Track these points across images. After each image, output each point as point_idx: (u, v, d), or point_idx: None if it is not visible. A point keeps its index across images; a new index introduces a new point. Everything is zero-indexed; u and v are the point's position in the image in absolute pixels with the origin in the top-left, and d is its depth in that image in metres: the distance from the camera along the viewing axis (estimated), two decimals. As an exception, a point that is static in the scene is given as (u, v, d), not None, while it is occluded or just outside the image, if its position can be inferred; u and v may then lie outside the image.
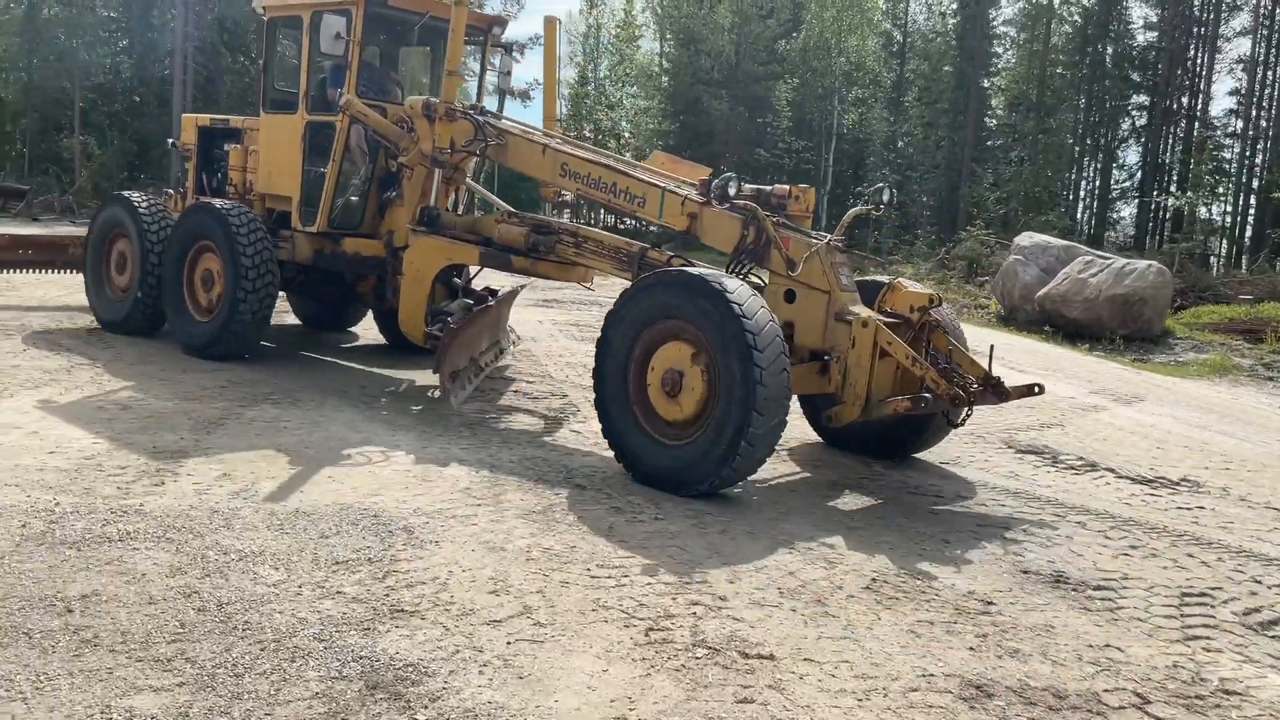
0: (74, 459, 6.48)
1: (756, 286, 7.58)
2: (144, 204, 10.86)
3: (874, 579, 5.61)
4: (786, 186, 8.43)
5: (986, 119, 46.80)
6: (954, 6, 46.02)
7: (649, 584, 5.27)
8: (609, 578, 5.32)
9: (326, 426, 7.92)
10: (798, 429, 8.53)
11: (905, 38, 48.69)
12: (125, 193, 11.40)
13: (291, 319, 13.01)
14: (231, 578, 4.90)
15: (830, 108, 44.27)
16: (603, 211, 41.35)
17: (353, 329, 12.89)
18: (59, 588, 4.64)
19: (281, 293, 10.87)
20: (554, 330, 13.74)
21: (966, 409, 7.24)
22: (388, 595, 4.86)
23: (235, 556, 5.16)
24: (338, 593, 4.84)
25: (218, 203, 10.15)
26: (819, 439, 8.73)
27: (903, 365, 7.15)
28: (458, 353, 8.76)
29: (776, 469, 7.79)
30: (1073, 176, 49.34)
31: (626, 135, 65.87)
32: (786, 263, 7.57)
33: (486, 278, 10.97)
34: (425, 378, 10.02)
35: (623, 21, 71.89)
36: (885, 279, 7.95)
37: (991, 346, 7.87)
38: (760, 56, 45.72)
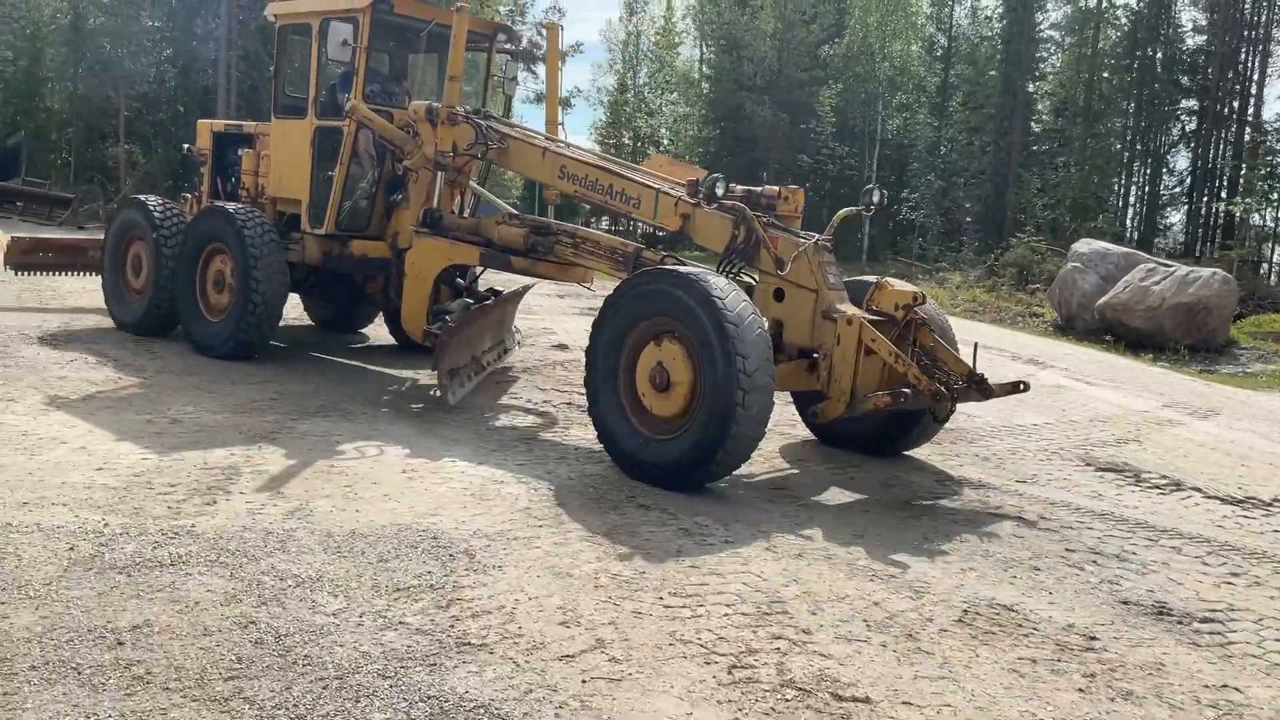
0: (123, 476, 6.26)
1: (748, 285, 7.82)
2: (158, 207, 11.07)
3: (965, 610, 5.26)
4: (776, 188, 8.43)
5: (1032, 124, 46.06)
6: (999, 11, 45.33)
7: (727, 615, 4.96)
8: (684, 607, 5.01)
9: (380, 442, 7.67)
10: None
11: (950, 42, 48.04)
12: (141, 196, 11.59)
13: (304, 320, 13.16)
14: (289, 606, 4.64)
15: (874, 113, 43.77)
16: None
17: (363, 330, 13.05)
18: (109, 618, 4.39)
19: (295, 294, 11.34)
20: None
21: (950, 404, 7.40)
22: (453, 626, 4.58)
23: (292, 582, 4.90)
24: (400, 623, 4.57)
25: (229, 206, 10.40)
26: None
27: (888, 362, 7.24)
28: (456, 351, 8.93)
29: (842, 490, 7.43)
30: (1121, 182, 48.51)
31: (666, 142, 65.83)
32: (775, 262, 7.71)
33: (494, 279, 11.12)
34: (428, 377, 10.06)
35: (662, 29, 72.01)
36: (873, 278, 8.03)
37: (975, 344, 7.93)
38: (803, 62, 45.25)
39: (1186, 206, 49.58)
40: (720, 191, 7.92)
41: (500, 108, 11.13)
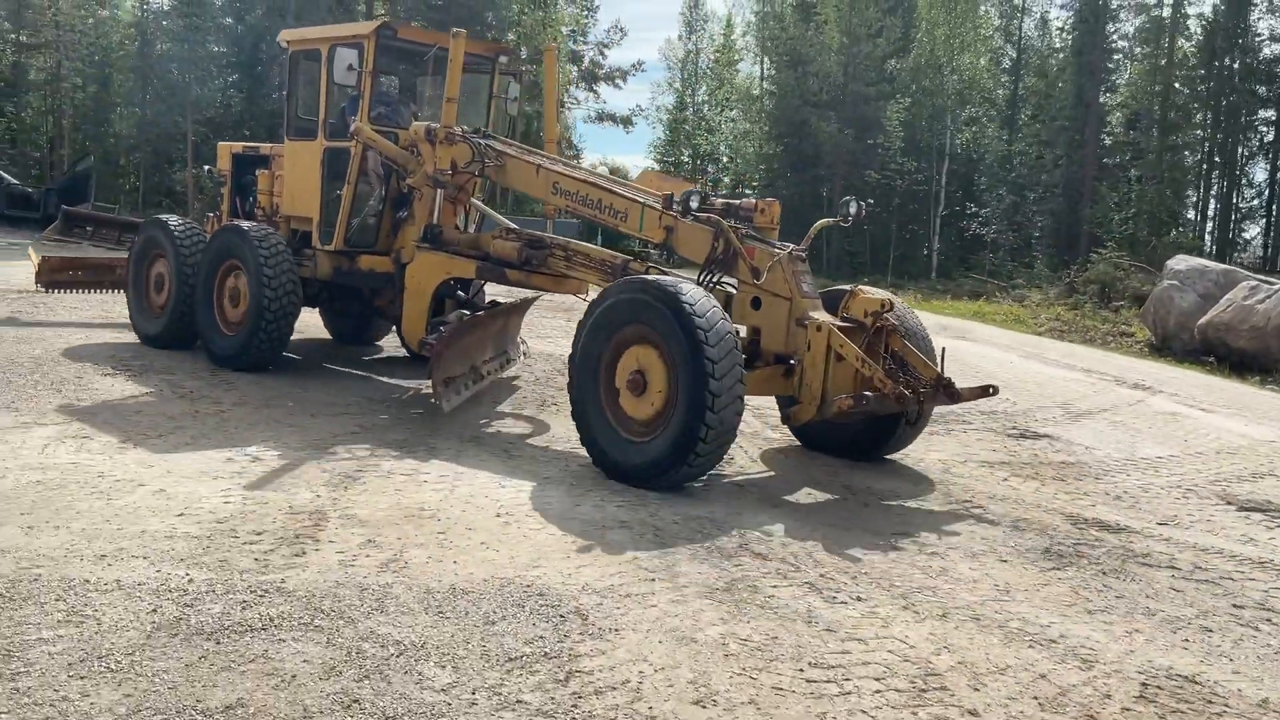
0: (205, 523, 5.85)
1: (727, 294, 8.18)
2: (179, 227, 11.53)
3: (1145, 684, 4.67)
4: (753, 200, 8.71)
5: (1104, 136, 44.94)
6: (1070, 21, 44.33)
7: (879, 692, 4.41)
8: (828, 682, 4.47)
9: (469, 480, 7.22)
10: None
11: (1019, 54, 47.07)
12: (162, 217, 12.10)
13: (322, 333, 13.44)
14: (394, 680, 4.18)
15: (942, 127, 42.92)
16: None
17: (379, 342, 13.32)
18: (199, 695, 3.96)
19: (314, 308, 11.98)
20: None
21: (918, 408, 7.70)
22: (576, 706, 4.10)
23: (394, 650, 4.44)
24: (518, 702, 4.09)
25: (244, 224, 10.80)
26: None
27: (856, 367, 7.45)
28: (451, 360, 9.10)
29: (971, 532, 6.83)
30: (1198, 195, 47.19)
31: (725, 160, 65.36)
32: (752, 271, 8.00)
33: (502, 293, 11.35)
34: (428, 387, 10.15)
35: (721, 46, 71.61)
36: (848, 287, 8.33)
37: (943, 349, 8.12)
38: (868, 76, 44.53)
39: (1265, 219, 48.14)
40: (695, 204, 8.22)
41: (504, 127, 11.52)
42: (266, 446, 7.54)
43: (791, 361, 7.87)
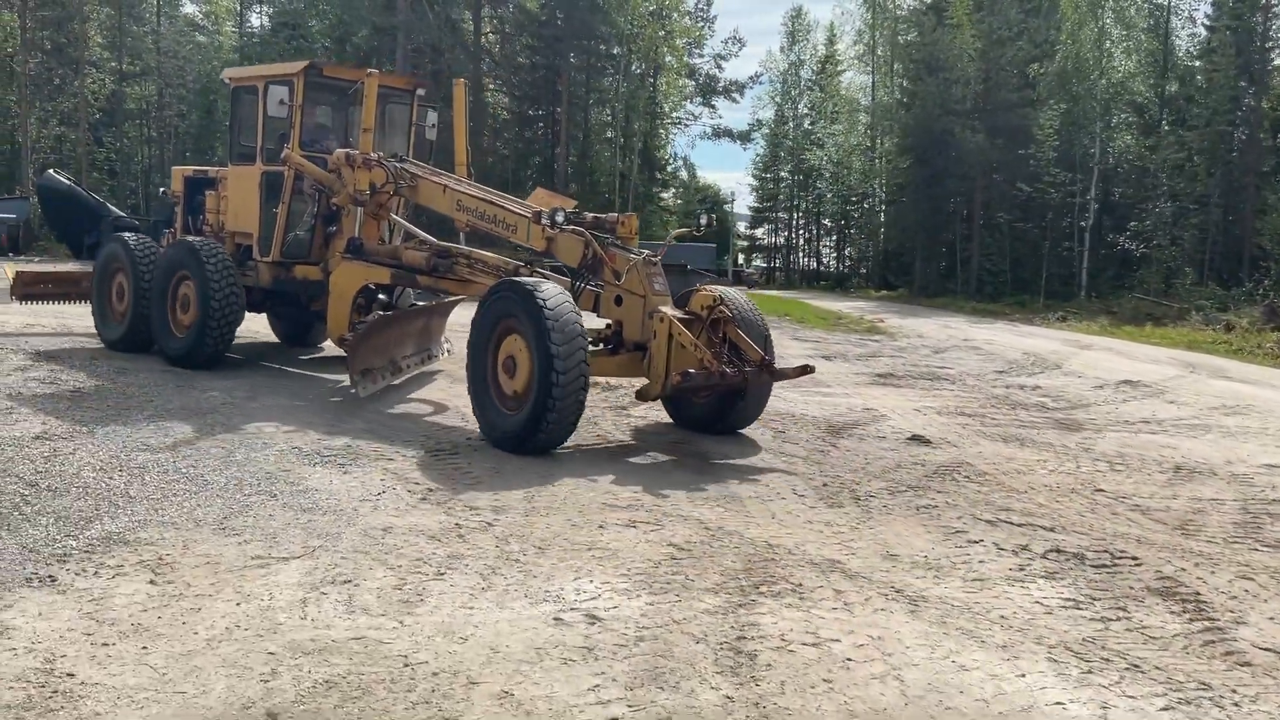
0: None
1: (598, 293, 9.80)
2: (135, 243, 12.85)
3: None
4: (616, 214, 10.44)
5: (1260, 140, 41.64)
6: (1224, 20, 41.19)
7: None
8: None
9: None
10: None
11: (1168, 58, 44.01)
12: (122, 234, 13.41)
13: (268, 337, 15.01)
14: None
15: (1091, 134, 40.06)
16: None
17: (321, 344, 14.67)
18: None
19: (259, 313, 13.79)
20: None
21: (744, 383, 9.20)
22: None
23: None
24: None
25: (192, 239, 12.32)
26: None
27: (695, 352, 8.81)
28: (368, 352, 10.64)
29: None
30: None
31: (827, 174, 62.89)
32: (614, 274, 9.55)
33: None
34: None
35: (825, 56, 69.25)
36: (697, 286, 10.16)
37: (767, 334, 9.73)
38: (1011, 82, 41.84)
39: None
40: (560, 218, 9.66)
41: (423, 152, 12.94)
42: (598, 604, 5.59)
43: (647, 348, 9.34)
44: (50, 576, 5.14)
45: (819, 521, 6.96)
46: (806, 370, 9.49)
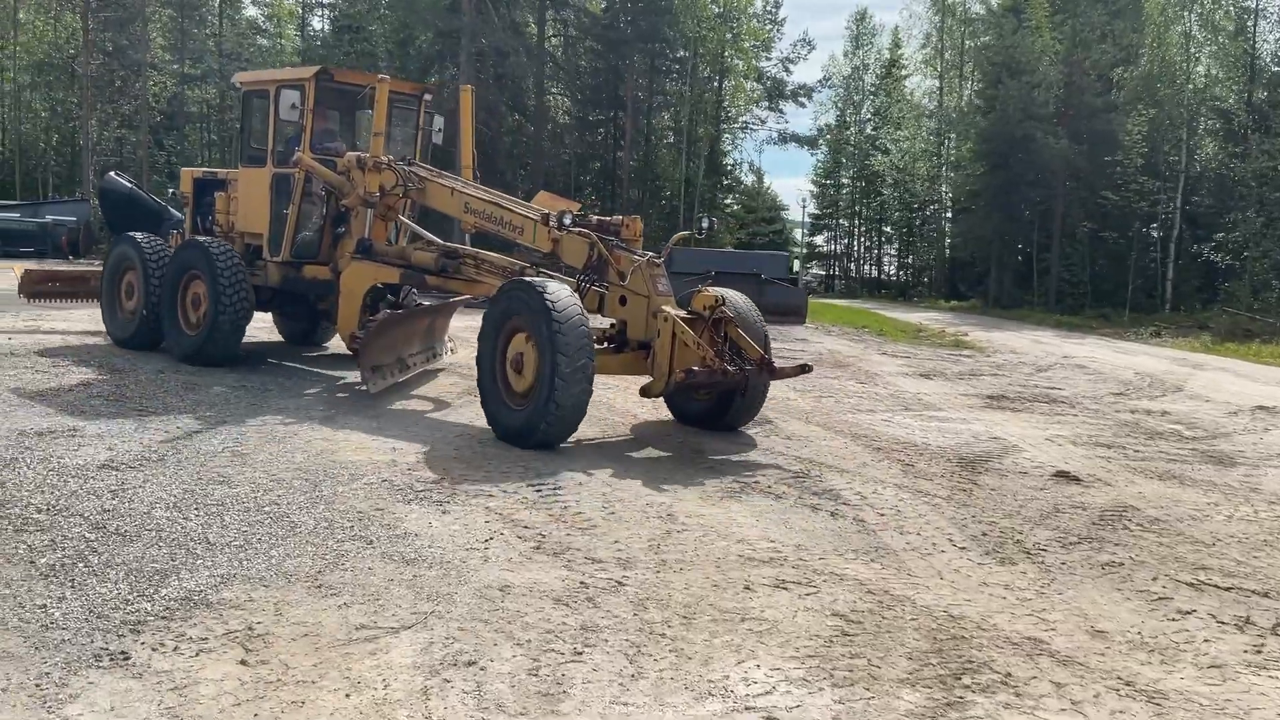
0: None
1: (603, 294, 10.08)
2: (146, 242, 13.08)
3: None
4: (620, 217, 10.76)
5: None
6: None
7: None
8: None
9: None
10: None
11: (1255, 60, 42.27)
12: (132, 234, 13.45)
13: (261, 336, 14.96)
14: None
15: (1179, 141, 38.54)
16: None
17: (326, 344, 15.05)
18: None
19: (267, 314, 14.22)
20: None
21: (744, 381, 9.55)
22: None
23: None
24: None
25: (204, 240, 12.50)
26: None
27: (697, 350, 9.18)
28: (376, 350, 11.00)
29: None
30: None
31: (890, 180, 61.48)
32: (619, 275, 9.85)
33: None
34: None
35: (890, 60, 67.85)
36: (699, 287, 9.93)
37: (766, 334, 10.06)
38: (1095, 86, 40.39)
39: None
40: (568, 221, 9.99)
41: (429, 156, 13.22)
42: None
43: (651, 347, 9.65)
44: (123, 653, 4.35)
45: (995, 583, 6.03)
46: (805, 369, 9.85)
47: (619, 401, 11.53)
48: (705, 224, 11.27)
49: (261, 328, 13.51)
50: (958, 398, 13.97)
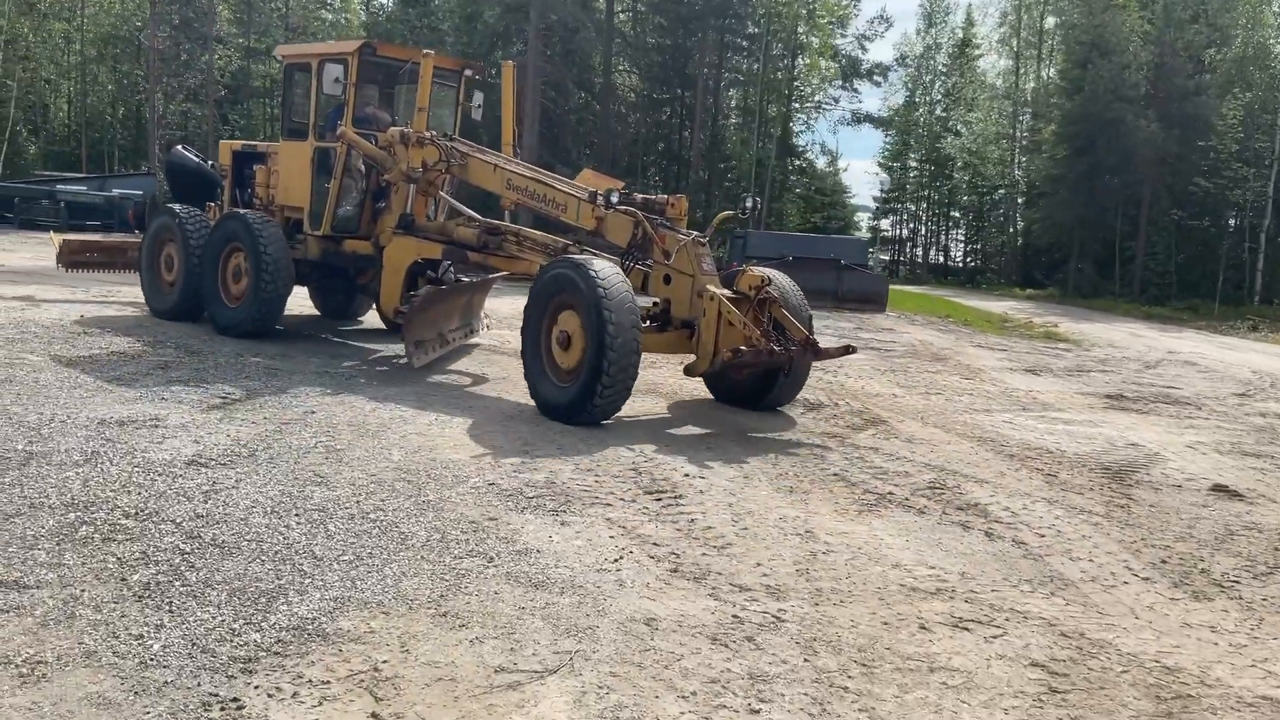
0: None
1: (646, 272, 10.19)
2: (187, 214, 13.16)
3: None
4: (665, 196, 10.82)
5: None
6: None
7: None
8: None
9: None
10: None
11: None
12: (173, 206, 13.67)
13: (309, 309, 15.33)
14: None
15: (1273, 124, 36.99)
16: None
17: (361, 318, 15.28)
18: None
19: (302, 287, 13.97)
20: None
21: (789, 362, 9.62)
22: None
23: None
24: None
25: (246, 213, 12.48)
26: None
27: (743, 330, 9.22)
28: (421, 325, 11.06)
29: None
30: None
31: (960, 163, 59.95)
32: (663, 254, 9.98)
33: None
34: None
35: (961, 40, 66.13)
36: (740, 266, 10.27)
37: (810, 315, 10.17)
38: (1186, 68, 38.85)
39: None
40: (615, 199, 10.00)
41: (469, 131, 13.52)
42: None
43: (695, 326, 9.66)
44: (235, 701, 3.77)
45: (1198, 624, 5.31)
46: (849, 350, 9.97)
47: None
48: (750, 204, 10.84)
49: (294, 301, 13.12)
50: (1074, 396, 13.14)
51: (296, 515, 5.87)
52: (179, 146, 23.14)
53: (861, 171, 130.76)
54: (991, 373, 15.00)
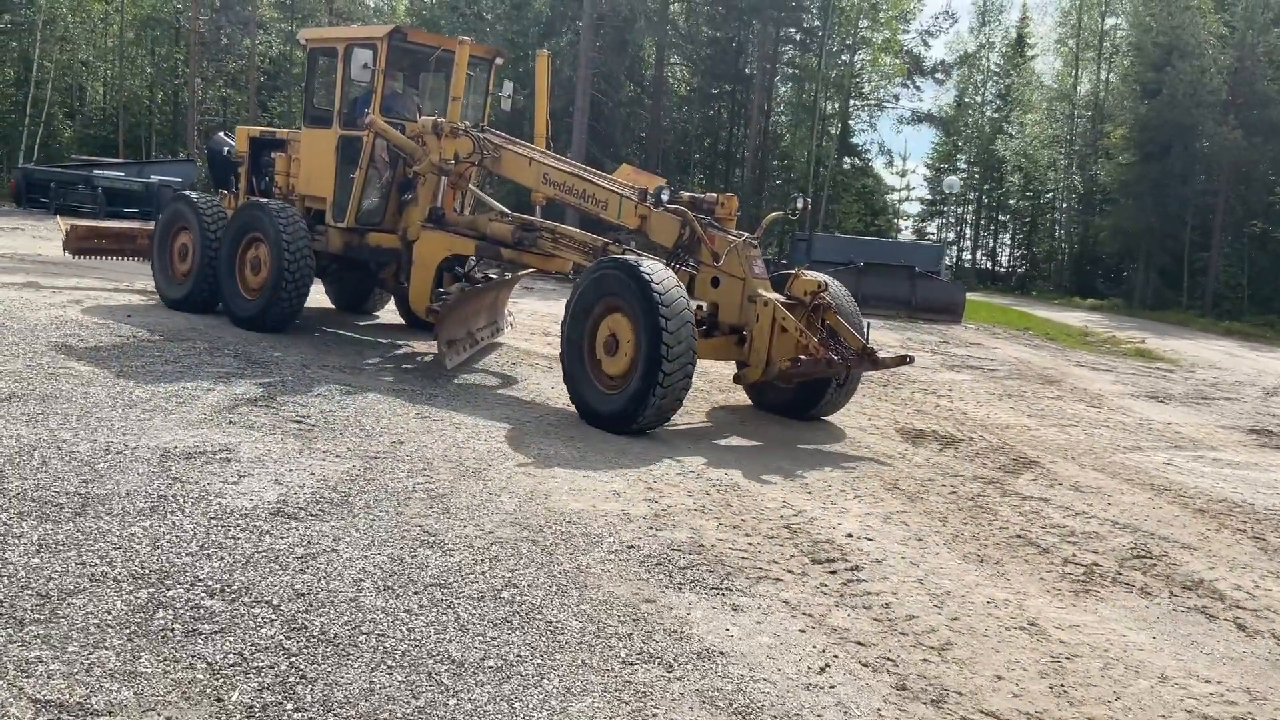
0: None
1: (692, 274, 9.79)
2: (203, 202, 12.68)
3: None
4: (714, 195, 10.26)
5: None
6: None
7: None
8: None
9: None
10: None
11: None
12: (187, 193, 13.19)
13: (324, 302, 14.65)
14: None
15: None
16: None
17: (376, 313, 14.72)
18: None
19: (322, 280, 13.63)
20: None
21: (845, 371, 9.35)
22: None
23: None
24: None
25: (267, 202, 11.98)
26: None
27: (799, 338, 8.97)
28: (453, 324, 10.83)
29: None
30: None
31: (1010, 167, 58.34)
32: (712, 255, 9.60)
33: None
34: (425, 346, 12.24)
35: (1016, 39, 64.53)
36: (792, 270, 9.93)
37: (868, 323, 9.79)
38: (1267, 73, 37.30)
39: None
40: (665, 197, 9.73)
41: (498, 122, 13.01)
42: None
43: (744, 332, 9.43)
44: None
45: None
46: (906, 360, 9.50)
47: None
48: (800, 204, 10.58)
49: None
50: (1217, 431, 11.94)
51: (415, 593, 4.77)
52: (220, 133, 22.11)
53: (910, 173, 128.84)
54: (1114, 399, 13.79)
